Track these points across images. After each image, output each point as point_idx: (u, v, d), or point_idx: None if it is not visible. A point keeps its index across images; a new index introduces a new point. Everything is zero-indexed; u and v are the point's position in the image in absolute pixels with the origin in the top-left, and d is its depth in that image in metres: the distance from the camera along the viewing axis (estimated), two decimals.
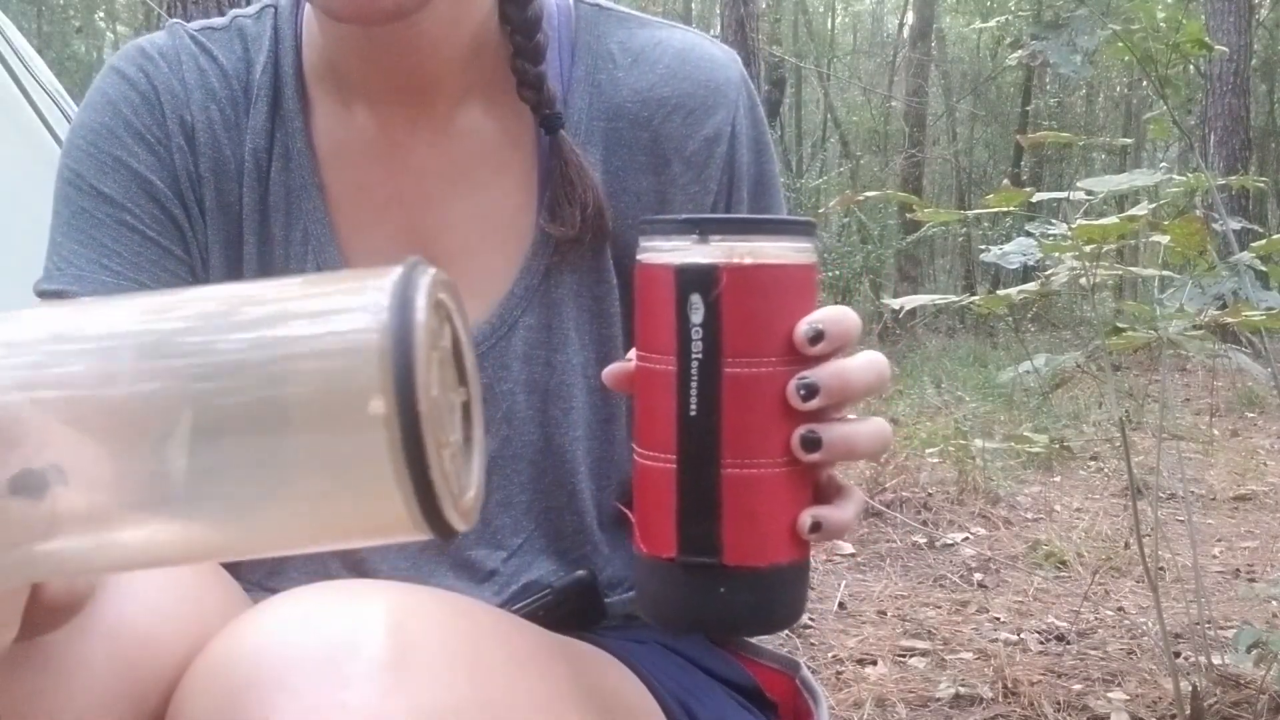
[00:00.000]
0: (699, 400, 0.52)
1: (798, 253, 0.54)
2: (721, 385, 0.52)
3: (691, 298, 0.52)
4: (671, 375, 0.53)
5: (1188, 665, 2.14)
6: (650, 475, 0.55)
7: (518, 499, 0.80)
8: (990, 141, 16.32)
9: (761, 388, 0.53)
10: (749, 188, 0.82)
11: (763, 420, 0.53)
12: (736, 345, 0.52)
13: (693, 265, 0.52)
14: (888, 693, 2.13)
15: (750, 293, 0.52)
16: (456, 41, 0.76)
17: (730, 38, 8.46)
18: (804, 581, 0.57)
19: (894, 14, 17.44)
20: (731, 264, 0.52)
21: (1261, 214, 11.69)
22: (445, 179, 0.79)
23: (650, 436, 0.55)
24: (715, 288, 0.52)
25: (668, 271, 0.53)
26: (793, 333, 0.53)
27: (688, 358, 0.52)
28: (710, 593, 0.54)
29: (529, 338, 0.78)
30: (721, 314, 0.52)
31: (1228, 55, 8.47)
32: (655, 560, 0.55)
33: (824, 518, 0.54)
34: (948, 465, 3.97)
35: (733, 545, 0.53)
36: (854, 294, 10.17)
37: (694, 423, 0.53)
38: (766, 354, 0.53)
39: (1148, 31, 2.10)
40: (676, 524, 0.53)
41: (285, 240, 0.79)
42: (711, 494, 0.53)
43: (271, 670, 0.49)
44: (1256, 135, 11.33)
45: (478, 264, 0.79)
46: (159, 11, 3.79)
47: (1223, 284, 1.95)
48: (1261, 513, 3.71)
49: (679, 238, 0.53)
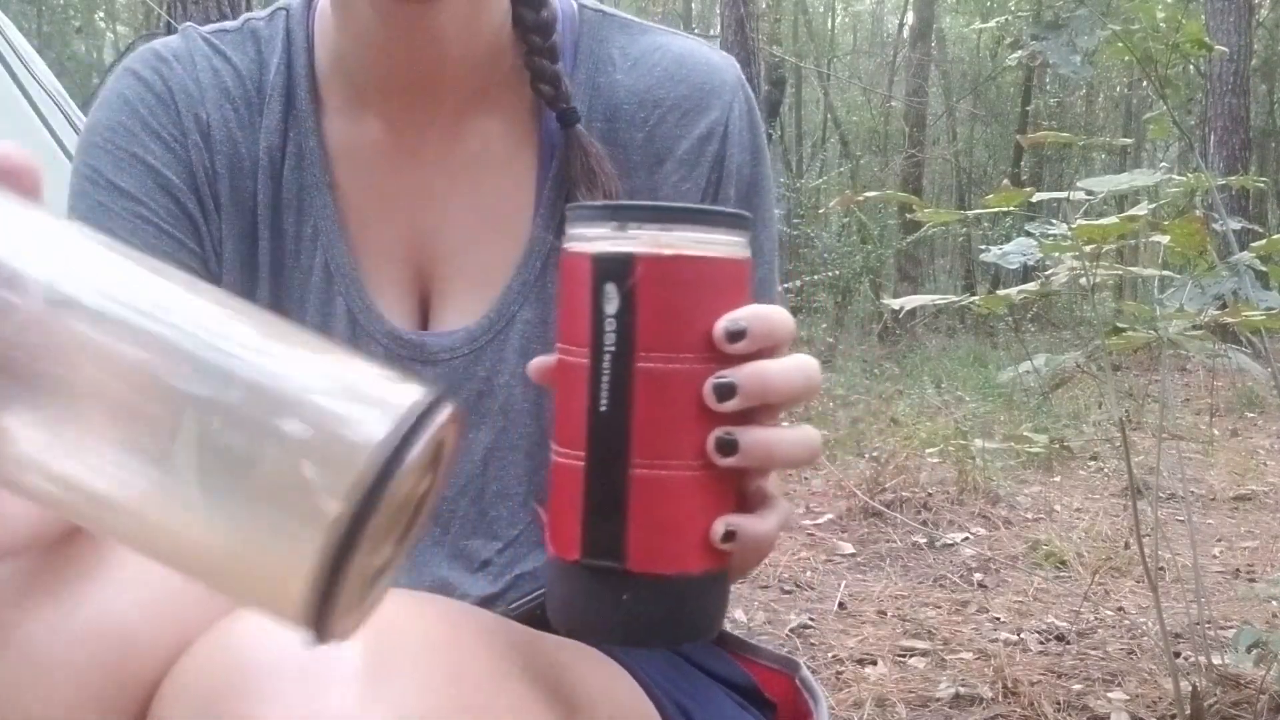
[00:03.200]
0: (609, 395, 0.50)
1: (726, 246, 0.51)
2: (633, 380, 0.49)
3: (606, 287, 0.49)
4: (584, 368, 0.50)
5: (1188, 665, 2.14)
6: (561, 472, 0.52)
7: (515, 490, 0.81)
8: (990, 141, 16.33)
9: (676, 385, 0.50)
10: (739, 189, 0.82)
11: (676, 420, 0.50)
12: (651, 339, 0.49)
13: (609, 254, 0.50)
14: (888, 693, 2.13)
15: (668, 285, 0.50)
16: (470, 43, 0.78)
17: (730, 37, 8.46)
18: (717, 593, 0.53)
19: (894, 14, 17.45)
20: (649, 254, 0.49)
21: (1261, 214, 11.68)
22: (449, 178, 0.81)
23: (564, 432, 0.52)
24: (630, 278, 0.49)
25: (585, 260, 0.50)
26: (713, 329, 0.50)
27: (600, 350, 0.50)
28: (613, 600, 0.51)
29: (526, 331, 0.80)
30: (636, 306, 0.49)
31: (1228, 55, 8.47)
32: (560, 562, 0.52)
33: (739, 526, 0.51)
34: (948, 465, 3.97)
35: (638, 550, 0.50)
36: (854, 294, 10.17)
37: (604, 419, 0.50)
38: (683, 350, 0.50)
39: (1148, 31, 2.10)
40: (582, 525, 0.51)
41: (296, 236, 0.81)
42: (618, 495, 0.50)
43: (251, 677, 0.49)
44: (1256, 135, 11.33)
45: (478, 259, 0.81)
46: (159, 11, 3.79)
47: (1223, 284, 1.95)
48: (1261, 513, 3.71)
49: (599, 225, 0.50)
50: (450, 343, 0.80)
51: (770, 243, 0.84)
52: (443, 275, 0.81)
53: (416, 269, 0.82)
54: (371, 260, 0.81)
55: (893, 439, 4.40)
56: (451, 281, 0.81)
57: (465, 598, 0.79)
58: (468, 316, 0.80)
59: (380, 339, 0.80)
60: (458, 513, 0.81)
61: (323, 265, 0.80)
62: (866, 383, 6.57)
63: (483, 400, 0.80)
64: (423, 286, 0.82)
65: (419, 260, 0.82)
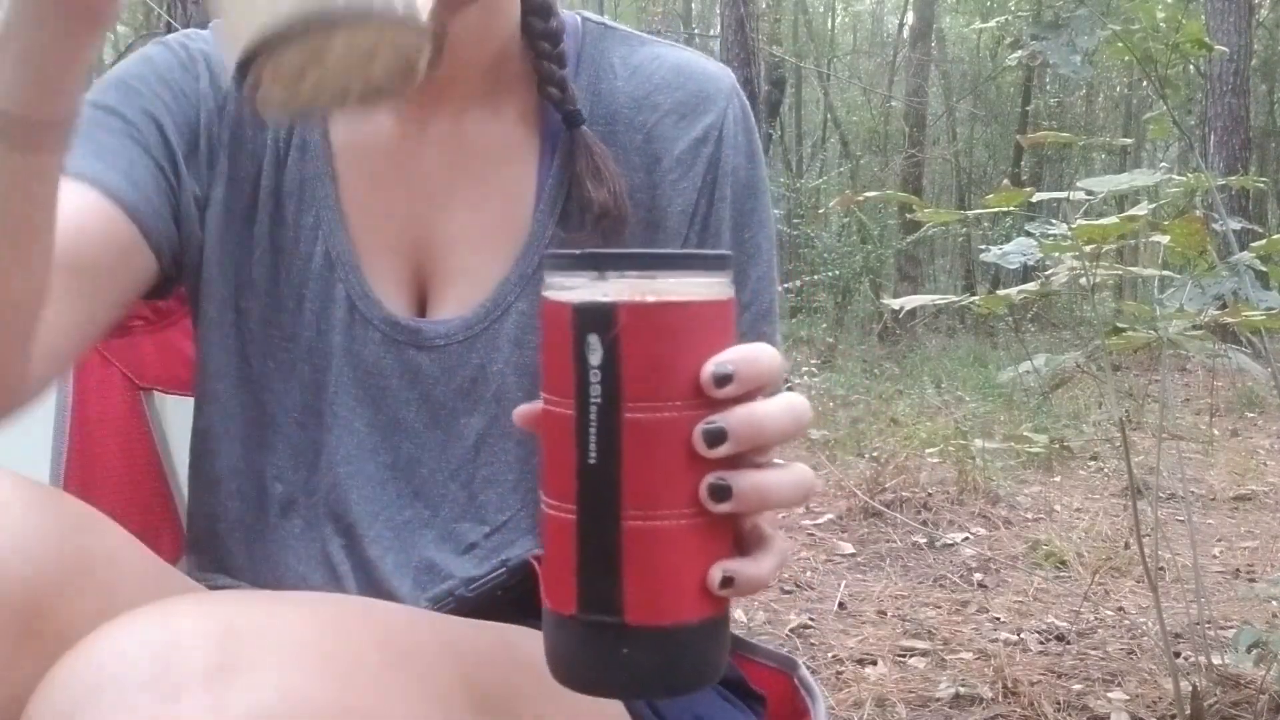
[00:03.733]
0: (598, 447, 0.49)
1: (708, 289, 0.50)
2: (621, 431, 0.49)
3: (589, 338, 0.48)
4: (570, 420, 0.49)
5: (1188, 665, 2.14)
6: (553, 525, 0.51)
7: (504, 477, 0.83)
8: (990, 141, 16.32)
9: (665, 434, 0.49)
10: (736, 190, 0.85)
11: (667, 469, 0.49)
12: (637, 389, 0.48)
13: (590, 304, 0.49)
14: (888, 693, 2.13)
15: (652, 333, 0.49)
16: (480, 49, 0.82)
17: (730, 37, 8.46)
18: (718, 639, 0.52)
19: (894, 14, 17.45)
20: (631, 302, 0.48)
21: (1261, 214, 11.68)
22: (451, 173, 0.84)
23: (553, 484, 0.51)
24: (613, 328, 0.48)
25: (565, 309, 0.49)
26: (700, 375, 0.49)
27: (586, 402, 0.49)
28: (612, 653, 0.50)
29: (521, 322, 0.82)
30: (621, 356, 0.48)
31: (1228, 55, 8.47)
32: (557, 616, 0.51)
33: (737, 572, 0.50)
34: (948, 465, 3.97)
35: (635, 603, 0.49)
36: (854, 294, 10.17)
37: (593, 471, 0.49)
38: (670, 398, 0.49)
39: (1148, 31, 2.10)
40: (576, 579, 0.50)
41: (297, 224, 0.83)
42: (612, 548, 0.49)
43: (106, 689, 0.49)
44: (1256, 135, 11.33)
45: (477, 252, 0.83)
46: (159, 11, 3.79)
47: (1223, 284, 1.95)
48: (1261, 513, 3.71)
49: (578, 274, 0.49)
50: (446, 330, 0.82)
51: (768, 243, 0.87)
52: (442, 267, 0.84)
53: (416, 259, 0.84)
54: (372, 250, 0.83)
55: (893, 439, 4.41)
56: (450, 273, 0.83)
57: (450, 579, 0.81)
58: (464, 306, 0.82)
59: (378, 324, 0.82)
60: (448, 496, 0.82)
61: (323, 254, 0.83)
62: (866, 383, 6.58)
63: (476, 387, 0.82)
64: (421, 276, 0.84)
65: (419, 251, 0.84)
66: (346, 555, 0.82)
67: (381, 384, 0.82)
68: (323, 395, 0.83)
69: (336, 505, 0.82)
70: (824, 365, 7.34)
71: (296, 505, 0.83)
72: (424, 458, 0.82)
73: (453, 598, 0.80)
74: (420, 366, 0.82)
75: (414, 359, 0.82)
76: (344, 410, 0.82)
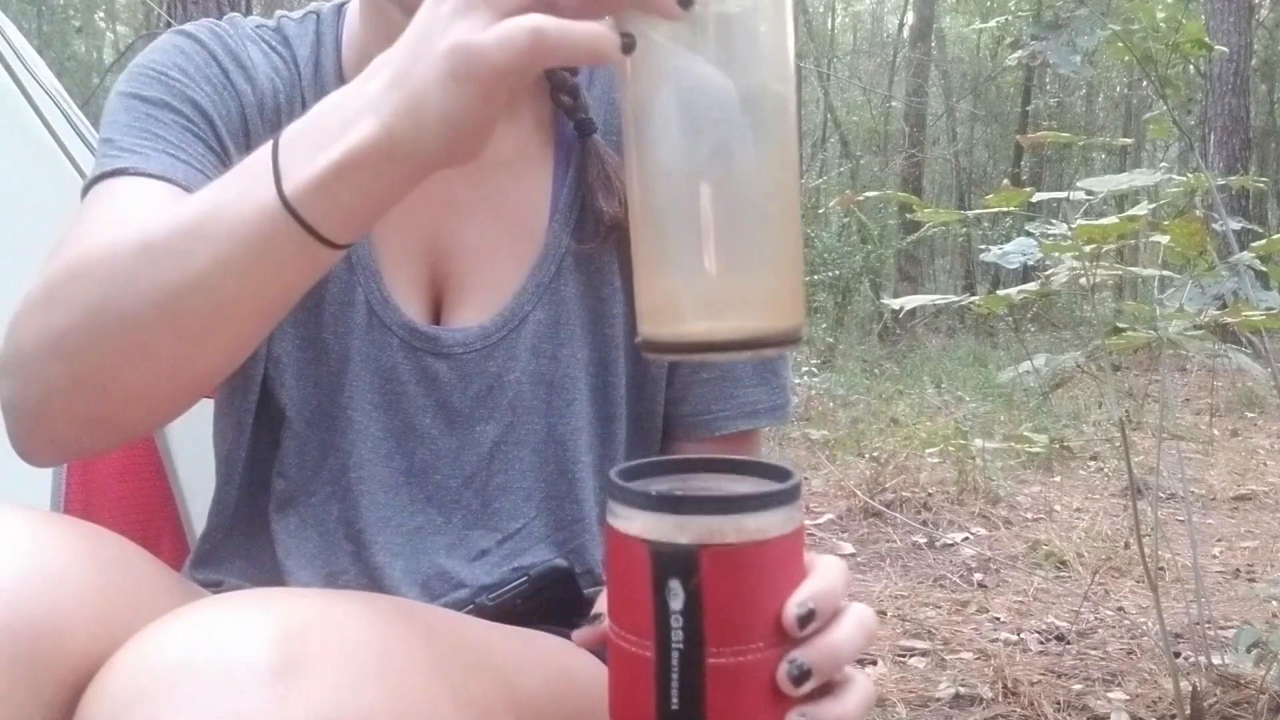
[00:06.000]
0: (680, 694, 0.48)
1: (783, 523, 0.49)
2: (705, 677, 0.48)
3: (670, 583, 0.48)
4: (650, 663, 0.49)
5: (1188, 665, 2.14)
6: None
7: (519, 485, 0.83)
8: (990, 141, 16.32)
9: (748, 676, 0.49)
10: None
11: (749, 710, 0.49)
12: (721, 634, 0.48)
13: (669, 546, 0.48)
14: (888, 693, 2.13)
15: (734, 576, 0.48)
16: None
17: None
18: None
19: (894, 14, 17.45)
20: (713, 545, 0.47)
21: (1261, 214, 11.68)
22: (468, 184, 0.84)
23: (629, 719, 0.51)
24: (696, 573, 0.47)
25: (640, 548, 0.48)
26: (781, 614, 0.49)
27: (668, 647, 0.48)
28: None
29: (538, 331, 0.83)
30: (703, 601, 0.47)
31: (1228, 55, 8.47)
32: None
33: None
34: (948, 465, 3.97)
35: None
36: (854, 294, 10.16)
37: (676, 716, 0.48)
38: (753, 640, 0.48)
39: (1148, 31, 2.10)
40: None
41: None
42: None
43: (167, 681, 0.49)
44: (1256, 135, 11.32)
45: (494, 260, 0.84)
46: (159, 11, 3.79)
47: (1223, 284, 1.95)
48: (1261, 513, 3.71)
49: (654, 511, 0.48)
50: (464, 338, 0.82)
51: None
52: (459, 274, 0.84)
53: (433, 267, 0.84)
54: (391, 256, 0.83)
55: (893, 439, 4.41)
56: (467, 280, 0.84)
57: (461, 586, 0.81)
58: (481, 314, 0.83)
59: (397, 330, 0.82)
60: (461, 503, 0.83)
61: (343, 257, 0.81)
62: (866, 383, 6.57)
63: (492, 395, 0.83)
64: (438, 283, 0.84)
65: (436, 258, 0.84)
66: (352, 561, 0.82)
67: (398, 389, 0.82)
68: (337, 398, 0.83)
69: (346, 510, 0.82)
70: (824, 365, 7.33)
71: (295, 503, 0.84)
72: (438, 464, 0.83)
73: (473, 605, 0.80)
74: (438, 373, 0.82)
75: (431, 366, 0.82)
76: (360, 414, 0.83)
